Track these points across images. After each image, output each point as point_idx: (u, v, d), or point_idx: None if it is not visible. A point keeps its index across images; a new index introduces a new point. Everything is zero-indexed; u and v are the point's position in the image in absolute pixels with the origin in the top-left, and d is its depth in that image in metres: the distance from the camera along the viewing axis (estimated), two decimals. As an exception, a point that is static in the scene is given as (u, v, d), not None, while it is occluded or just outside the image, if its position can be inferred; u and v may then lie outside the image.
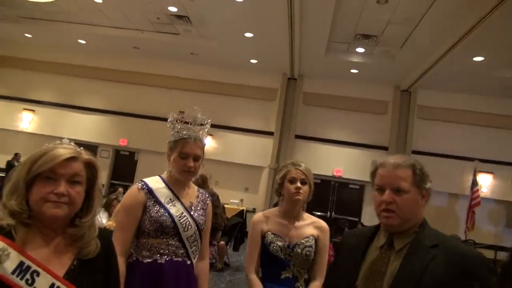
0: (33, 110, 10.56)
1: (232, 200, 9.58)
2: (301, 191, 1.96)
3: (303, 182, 1.98)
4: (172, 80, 10.29)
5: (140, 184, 1.86)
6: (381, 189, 1.32)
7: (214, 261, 3.81)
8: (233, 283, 5.56)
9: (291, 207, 2.02)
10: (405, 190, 1.28)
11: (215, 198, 3.79)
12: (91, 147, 10.41)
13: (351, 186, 10.19)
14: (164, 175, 1.95)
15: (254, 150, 9.92)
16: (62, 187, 1.08)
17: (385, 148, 9.70)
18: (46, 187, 1.07)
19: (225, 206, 8.20)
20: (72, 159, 1.12)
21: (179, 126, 1.90)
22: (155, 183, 1.90)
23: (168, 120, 1.91)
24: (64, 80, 10.82)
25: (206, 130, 1.96)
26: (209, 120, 1.98)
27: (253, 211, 9.46)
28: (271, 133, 9.97)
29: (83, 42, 10.00)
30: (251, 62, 9.67)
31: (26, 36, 10.24)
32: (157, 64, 10.38)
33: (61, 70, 10.75)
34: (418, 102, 9.79)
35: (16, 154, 9.45)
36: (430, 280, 1.17)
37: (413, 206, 1.29)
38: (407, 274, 1.21)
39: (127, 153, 10.76)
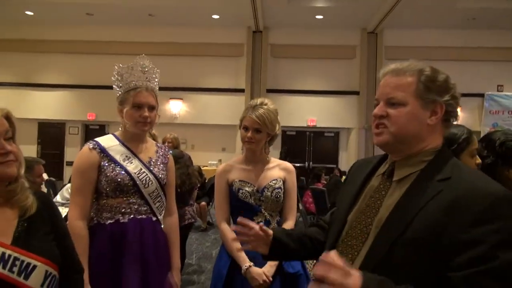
0: (-11, 93, 9.99)
1: (210, 162, 9.57)
2: (252, 140, 1.87)
3: (257, 131, 1.87)
4: (133, 46, 9.78)
5: (91, 144, 1.76)
6: (378, 104, 1.06)
7: (193, 220, 3.81)
8: (218, 240, 5.66)
9: (249, 153, 1.98)
10: (399, 102, 1.00)
11: (186, 158, 3.73)
12: (58, 125, 10.08)
13: (326, 134, 10.33)
14: (117, 133, 1.86)
15: (226, 109, 9.80)
16: (7, 145, 1.04)
17: (356, 93, 9.76)
18: None
19: (204, 168, 8.21)
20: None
21: (126, 77, 1.77)
22: (108, 141, 1.80)
23: (114, 73, 1.79)
24: (18, 57, 10.17)
25: (157, 80, 1.85)
26: (158, 70, 1.86)
27: (233, 169, 9.50)
28: (242, 90, 9.82)
29: (30, 13, 9.32)
30: (213, 18, 9.29)
31: (-33, 13, 9.45)
32: (115, 30, 9.83)
33: (12, 47, 10.05)
34: (385, 43, 9.77)
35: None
36: (421, 223, 0.90)
37: (411, 122, 1.00)
38: (401, 213, 0.95)
39: (97, 127, 10.45)
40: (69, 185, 4.70)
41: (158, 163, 1.86)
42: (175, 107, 9.79)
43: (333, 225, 1.17)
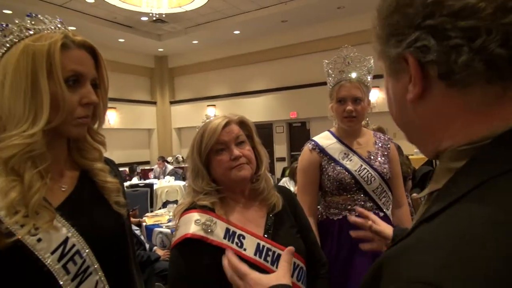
0: (214, 105, 12.10)
1: (417, 150, 8.83)
2: None
3: None
4: (325, 42, 10.07)
5: (311, 145, 1.83)
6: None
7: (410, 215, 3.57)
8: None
9: None
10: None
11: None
12: (267, 125, 11.28)
13: None
14: (333, 129, 1.87)
15: (430, 91, 8.86)
16: (236, 151, 1.15)
17: None
18: (223, 158, 1.16)
19: (410, 156, 7.63)
20: (226, 124, 1.18)
21: (331, 72, 1.78)
22: (326, 140, 1.83)
23: (324, 70, 1.81)
24: (232, 72, 12.00)
25: (364, 69, 1.76)
26: (368, 57, 1.76)
27: (443, 157, 8.51)
28: (447, 67, 8.69)
29: (237, 32, 10.78)
30: (406, -5, 8.55)
31: (194, 43, 11.72)
32: (307, 31, 10.31)
33: (227, 63, 11.95)
34: None
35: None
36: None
37: (389, 102, 0.60)
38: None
39: (299, 124, 11.20)
40: (284, 179, 5.19)
41: (379, 156, 1.78)
42: (372, 96, 9.51)
43: None
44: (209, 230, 1.10)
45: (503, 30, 0.40)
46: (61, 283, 0.79)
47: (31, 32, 0.83)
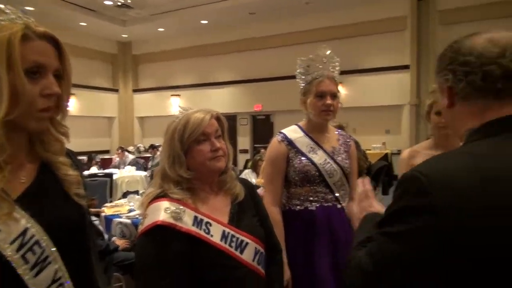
0: (178, 95, 11.93)
1: (374, 145, 9.21)
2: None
3: None
4: (292, 37, 10.21)
5: (279, 137, 1.90)
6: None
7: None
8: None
9: (442, 139, 1.81)
10: None
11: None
12: (231, 117, 11.30)
13: None
14: (301, 123, 1.95)
15: (389, 89, 9.23)
16: (217, 143, 1.22)
17: (406, 67, 8.88)
18: (204, 148, 1.20)
19: (367, 151, 7.96)
20: (210, 118, 1.23)
21: (308, 69, 1.86)
22: (294, 133, 1.91)
23: (297, 65, 1.89)
24: (198, 62, 11.88)
25: (337, 68, 1.88)
26: (337, 58, 1.89)
27: (398, 153, 8.94)
28: (406, 67, 9.07)
29: (205, 22, 10.67)
30: (371, -6, 8.82)
31: (159, 31, 11.47)
32: (274, 25, 10.40)
33: (193, 53, 11.81)
34: (438, 8, 8.59)
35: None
36: None
37: None
38: None
39: (263, 117, 11.32)
40: (246, 171, 5.25)
41: (341, 152, 1.89)
42: (335, 92, 9.78)
43: None
44: (179, 218, 1.15)
45: (484, 72, 0.78)
46: (20, 272, 0.80)
47: None
